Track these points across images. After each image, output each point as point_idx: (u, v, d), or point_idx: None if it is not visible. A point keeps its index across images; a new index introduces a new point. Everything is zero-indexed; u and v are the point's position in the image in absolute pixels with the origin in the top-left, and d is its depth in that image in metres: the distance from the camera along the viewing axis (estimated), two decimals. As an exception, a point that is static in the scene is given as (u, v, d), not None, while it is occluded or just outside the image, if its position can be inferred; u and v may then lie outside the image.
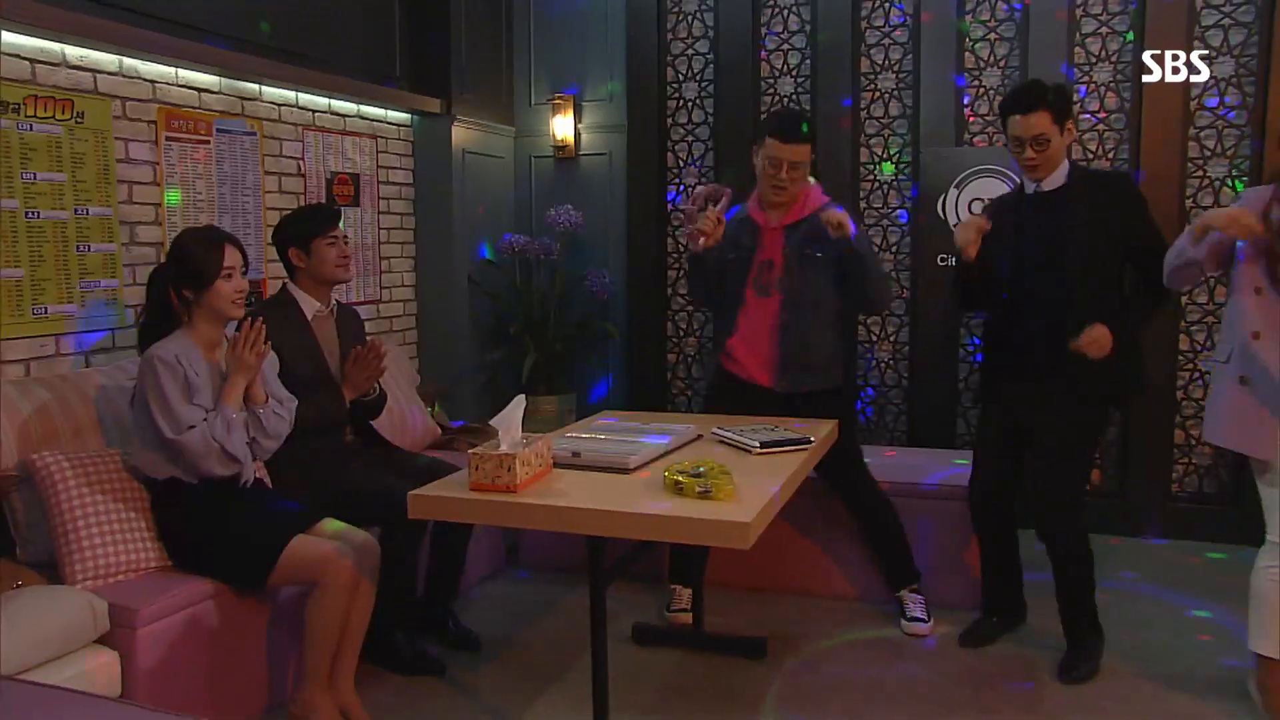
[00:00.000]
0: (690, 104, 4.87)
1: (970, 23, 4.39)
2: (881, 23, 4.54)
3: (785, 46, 4.69)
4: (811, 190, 3.30)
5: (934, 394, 4.52)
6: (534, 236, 4.89)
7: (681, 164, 4.91)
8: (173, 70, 3.44)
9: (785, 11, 4.67)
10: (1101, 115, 4.26)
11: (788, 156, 3.15)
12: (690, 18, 4.83)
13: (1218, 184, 4.13)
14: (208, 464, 2.60)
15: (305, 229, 3.21)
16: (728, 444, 2.85)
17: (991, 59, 4.38)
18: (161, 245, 3.37)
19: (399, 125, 4.63)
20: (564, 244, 4.85)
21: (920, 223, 4.48)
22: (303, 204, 3.95)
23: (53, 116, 3.04)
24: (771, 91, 4.70)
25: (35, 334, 3.02)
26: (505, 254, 4.82)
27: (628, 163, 4.94)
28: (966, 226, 3.02)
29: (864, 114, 4.59)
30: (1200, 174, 4.15)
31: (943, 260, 4.36)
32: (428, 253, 4.75)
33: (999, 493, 3.23)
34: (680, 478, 2.34)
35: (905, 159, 4.55)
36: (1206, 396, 3.03)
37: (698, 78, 4.85)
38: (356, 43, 4.33)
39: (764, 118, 3.38)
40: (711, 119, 4.84)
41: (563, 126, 5.01)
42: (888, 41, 4.53)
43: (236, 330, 2.70)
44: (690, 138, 4.89)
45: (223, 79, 3.66)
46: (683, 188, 4.90)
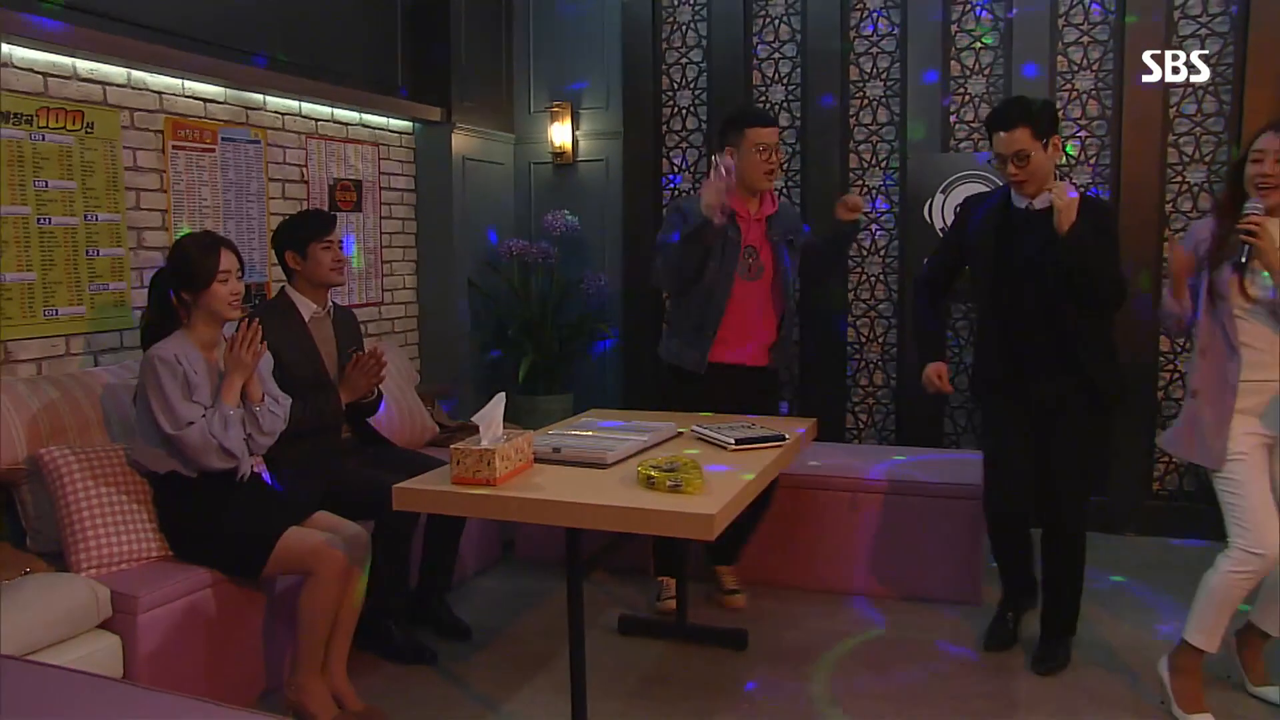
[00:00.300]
0: (684, 111, 4.98)
1: (955, 32, 4.50)
2: (870, 31, 4.63)
3: (776, 55, 4.79)
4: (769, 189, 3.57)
5: (921, 394, 4.58)
6: (533, 240, 5.00)
7: (676, 169, 5.02)
8: (179, 82, 3.57)
9: (776, 21, 4.77)
10: (1083, 122, 4.34)
11: (773, 140, 3.42)
12: (684, 28, 4.93)
13: (1196, 189, 4.21)
14: (205, 458, 2.71)
15: (301, 233, 3.32)
16: (705, 441, 2.96)
17: (976, 67, 4.47)
18: (168, 250, 3.49)
19: (401, 133, 4.76)
20: (562, 247, 4.96)
21: (907, 227, 4.58)
22: (305, 209, 4.07)
23: (64, 127, 3.18)
24: (763, 99, 4.80)
25: (46, 334, 3.15)
26: (504, 257, 4.94)
27: (624, 168, 5.05)
28: (932, 379, 3.36)
29: (852, 121, 4.69)
30: (1179, 179, 4.24)
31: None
32: (429, 256, 4.88)
33: (1022, 500, 3.17)
34: (652, 472, 2.44)
35: (893, 165, 4.65)
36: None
37: (691, 86, 4.96)
38: (359, 53, 4.46)
39: (729, 118, 3.51)
40: (705, 126, 4.93)
41: (561, 133, 5.12)
42: (875, 50, 4.63)
43: (235, 331, 2.82)
44: (684, 144, 5.00)
45: (228, 90, 3.78)
46: (676, 179, 5.01)
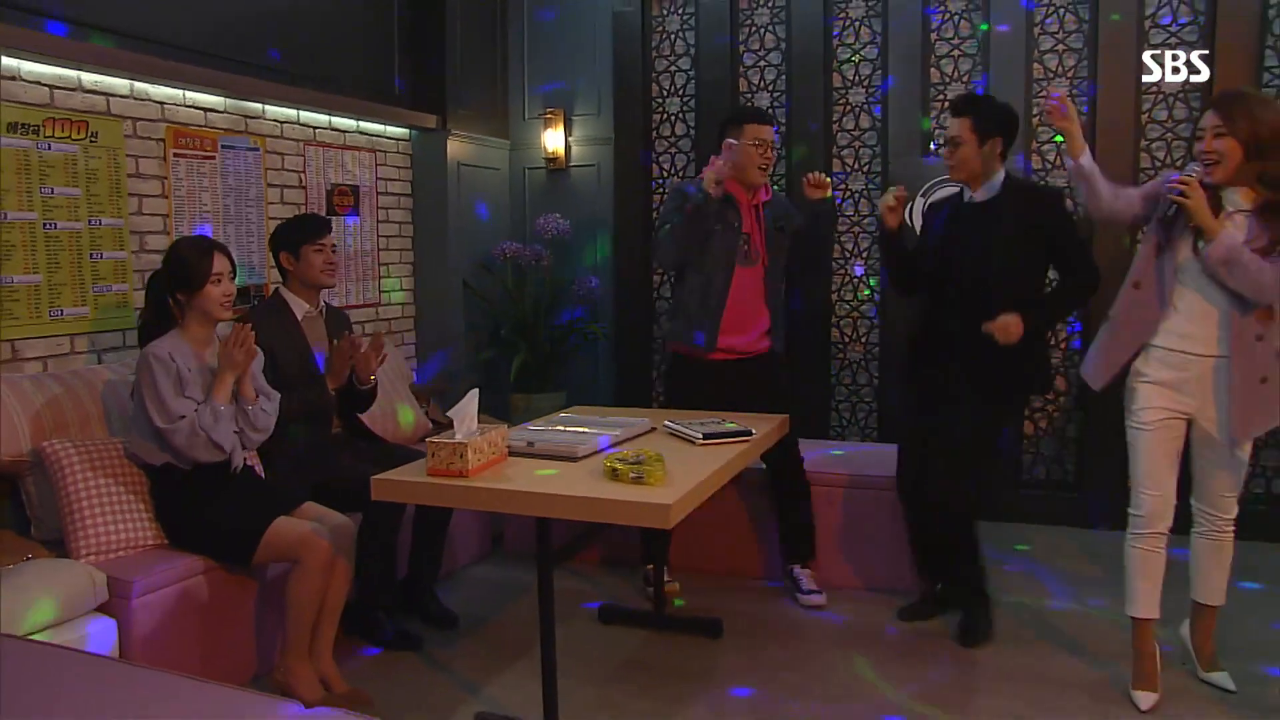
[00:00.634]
0: (673, 118, 5.11)
1: (935, 40, 4.60)
2: (852, 40, 4.75)
3: (762, 64, 4.92)
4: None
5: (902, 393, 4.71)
6: (527, 243, 5.14)
7: (665, 174, 5.15)
8: (180, 92, 3.72)
9: (762, 31, 4.90)
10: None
11: (769, 138, 3.63)
12: (673, 37, 5.07)
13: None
14: (195, 451, 2.85)
15: (296, 236, 3.48)
16: (676, 435, 3.09)
17: (956, 74, 4.58)
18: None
19: (397, 139, 4.90)
20: (555, 250, 5.09)
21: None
22: (300, 214, 4.22)
23: (69, 136, 3.33)
24: (749, 105, 4.90)
25: (52, 334, 3.30)
26: (499, 260, 5.07)
27: (615, 173, 5.17)
28: (886, 195, 3.34)
29: (836, 127, 4.81)
30: (1152, 183, 4.33)
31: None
32: (425, 259, 5.01)
33: (921, 478, 3.41)
34: (617, 465, 2.57)
35: (875, 169, 4.76)
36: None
37: (680, 93, 5.08)
38: (357, 63, 4.60)
39: (731, 114, 3.75)
40: (693, 132, 5.06)
41: (553, 139, 5.25)
42: (858, 58, 4.75)
43: (229, 331, 2.95)
44: (673, 149, 5.13)
45: (228, 99, 3.93)
46: (665, 184, 5.13)
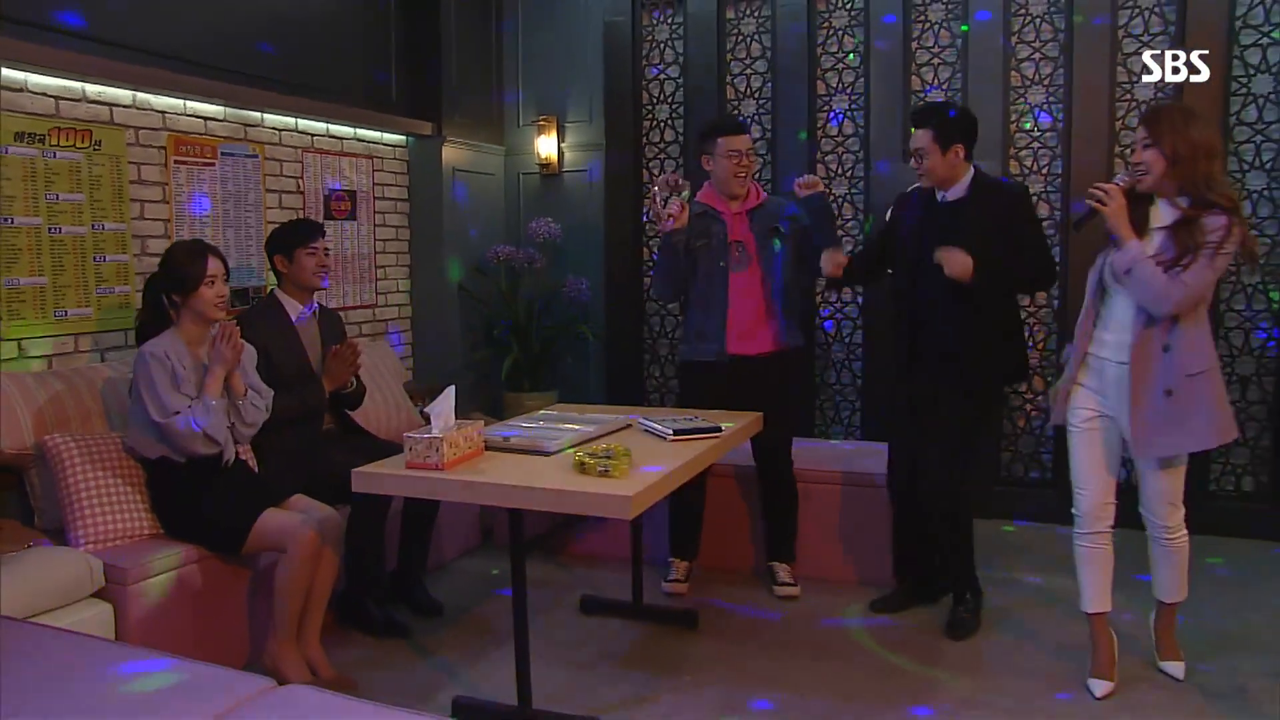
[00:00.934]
0: (663, 124, 5.24)
1: (915, 49, 4.72)
2: (835, 49, 4.87)
3: (748, 71, 5.04)
4: (754, 184, 3.82)
5: (885, 391, 4.79)
6: (520, 246, 5.27)
7: (655, 179, 5.24)
8: (181, 102, 3.87)
9: (748, 40, 5.02)
10: (1035, 134, 4.55)
11: (745, 146, 3.69)
12: (662, 46, 5.20)
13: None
14: (190, 444, 3.00)
15: (289, 240, 3.62)
16: (649, 432, 3.22)
17: (935, 81, 4.69)
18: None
19: (394, 146, 5.05)
20: (548, 253, 5.23)
21: (871, 231, 4.79)
22: (294, 218, 4.36)
23: (73, 145, 3.48)
24: (736, 112, 5.04)
25: (57, 334, 3.46)
26: (492, 262, 5.21)
27: (605, 178, 5.30)
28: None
29: (820, 133, 4.92)
30: (1125, 188, 4.42)
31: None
32: (421, 261, 5.15)
33: (912, 475, 3.52)
34: (585, 458, 2.70)
35: (858, 174, 4.87)
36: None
37: (669, 100, 5.22)
38: (354, 72, 4.75)
39: (703, 129, 3.84)
40: (682, 138, 5.19)
41: (547, 145, 5.38)
42: (841, 66, 4.87)
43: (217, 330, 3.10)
44: (663, 155, 5.26)
45: (227, 108, 4.07)
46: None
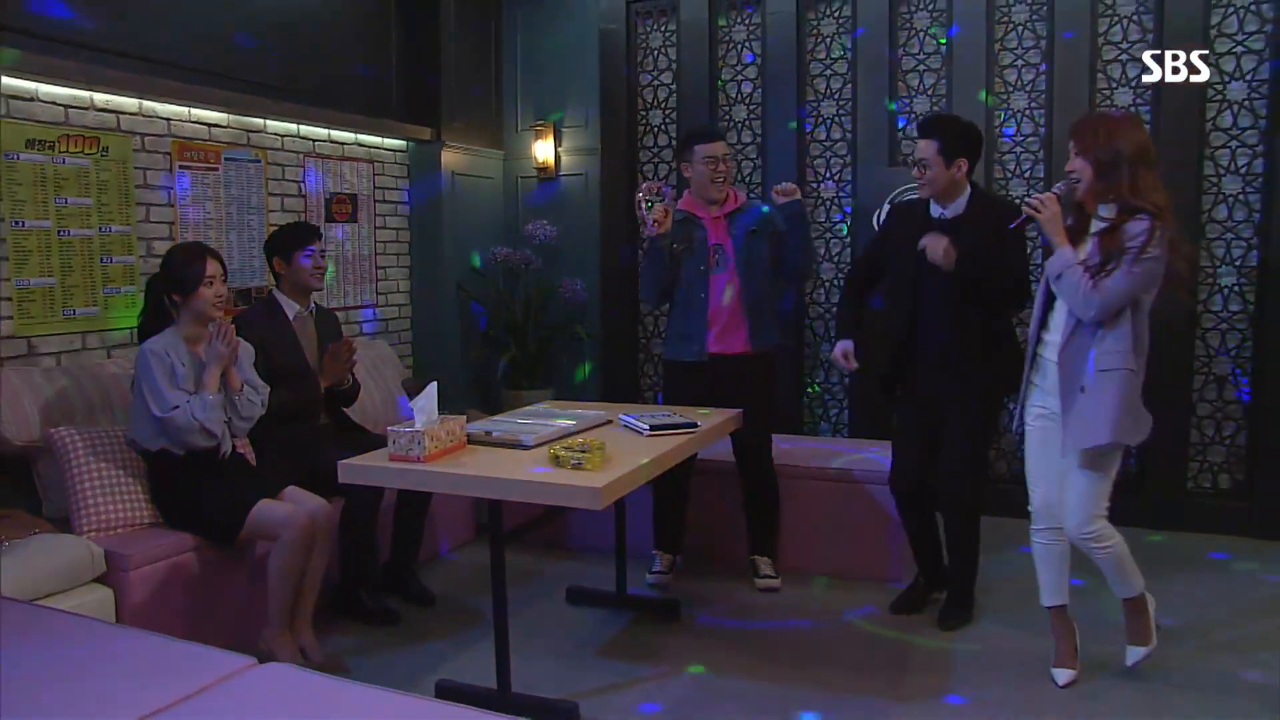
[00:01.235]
0: (656, 129, 5.37)
1: (902, 56, 4.82)
2: (824, 55, 4.98)
3: (739, 78, 5.16)
4: (732, 189, 3.92)
5: (871, 391, 4.89)
6: (517, 248, 5.40)
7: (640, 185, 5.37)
8: (185, 109, 4.02)
9: (739, 47, 5.14)
10: (1018, 138, 4.64)
11: (720, 152, 3.81)
12: (656, 53, 5.32)
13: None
14: (189, 437, 3.14)
15: (287, 242, 3.76)
16: (628, 427, 3.33)
17: (920, 87, 4.79)
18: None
19: (395, 150, 5.19)
20: (545, 255, 5.35)
21: (858, 234, 4.90)
22: (293, 221, 4.48)
23: (82, 151, 3.64)
24: (727, 118, 5.16)
25: (65, 332, 3.62)
26: (490, 264, 5.33)
27: (601, 182, 5.42)
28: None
29: (808, 137, 5.03)
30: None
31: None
32: (420, 263, 5.29)
33: (918, 479, 3.56)
34: (560, 452, 2.82)
35: (845, 177, 4.98)
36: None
37: (663, 106, 5.34)
38: (355, 79, 4.89)
39: (681, 139, 3.97)
40: (675, 142, 5.30)
41: (544, 150, 5.51)
42: (829, 72, 4.97)
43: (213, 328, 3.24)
44: (656, 159, 5.38)
45: (230, 115, 4.22)
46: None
